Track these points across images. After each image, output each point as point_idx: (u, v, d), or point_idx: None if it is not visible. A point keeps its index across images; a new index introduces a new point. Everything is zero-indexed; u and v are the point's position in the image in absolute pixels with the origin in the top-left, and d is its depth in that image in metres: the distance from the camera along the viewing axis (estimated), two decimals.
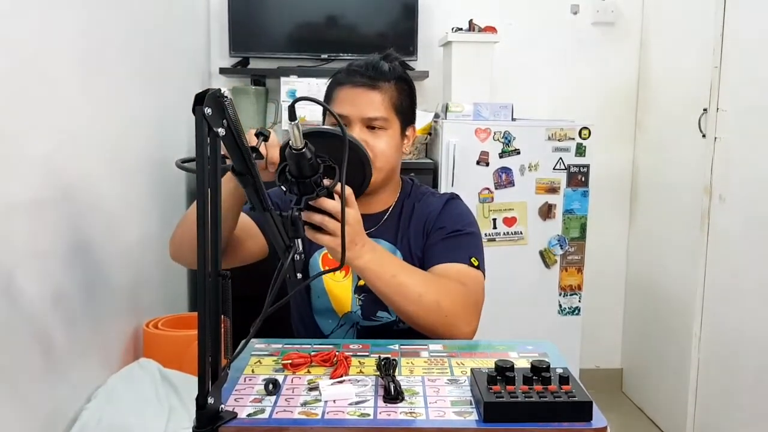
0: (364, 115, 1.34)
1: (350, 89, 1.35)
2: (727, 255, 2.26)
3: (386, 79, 1.36)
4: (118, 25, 1.68)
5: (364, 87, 1.34)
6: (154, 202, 1.99)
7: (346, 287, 1.39)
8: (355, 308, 1.38)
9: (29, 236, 1.21)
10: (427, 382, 0.98)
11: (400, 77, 1.39)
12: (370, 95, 1.34)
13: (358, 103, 1.34)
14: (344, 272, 1.38)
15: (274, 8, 2.73)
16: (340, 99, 1.36)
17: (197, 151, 0.81)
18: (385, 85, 1.36)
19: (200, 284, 0.82)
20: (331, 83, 1.40)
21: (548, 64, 2.94)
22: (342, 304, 1.39)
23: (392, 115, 1.37)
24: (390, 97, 1.36)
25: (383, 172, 1.36)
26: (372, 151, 1.31)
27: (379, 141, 1.34)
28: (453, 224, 1.38)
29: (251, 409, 0.89)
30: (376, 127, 1.35)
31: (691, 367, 2.42)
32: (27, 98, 1.21)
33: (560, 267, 2.53)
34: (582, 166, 2.49)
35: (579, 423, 0.85)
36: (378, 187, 1.37)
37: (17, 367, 1.16)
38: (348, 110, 1.34)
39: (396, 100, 1.37)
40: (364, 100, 1.34)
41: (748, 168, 2.14)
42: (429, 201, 1.43)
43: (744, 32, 2.18)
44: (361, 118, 1.34)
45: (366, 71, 1.35)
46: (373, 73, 1.35)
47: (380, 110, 1.34)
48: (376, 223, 1.40)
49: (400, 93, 1.38)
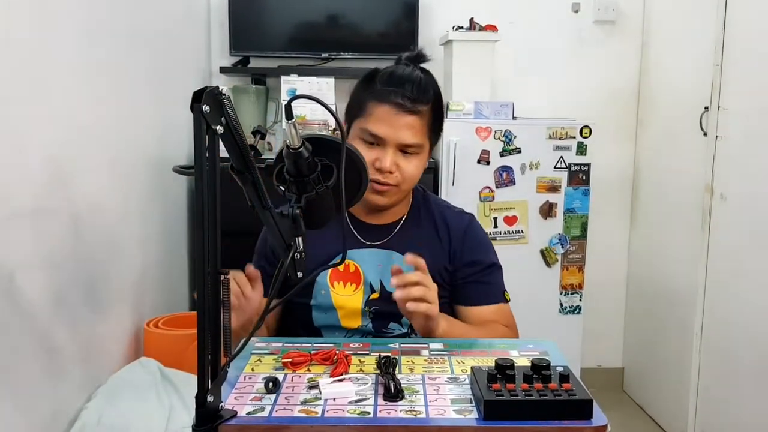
0: (401, 141, 1.28)
1: (389, 109, 1.27)
2: (728, 253, 2.25)
3: (426, 101, 1.30)
4: (118, 25, 1.67)
5: (404, 111, 1.27)
6: (154, 201, 1.99)
7: (356, 301, 1.34)
8: (366, 322, 1.34)
9: (30, 237, 1.21)
10: (428, 380, 0.98)
11: (437, 97, 1.34)
12: (409, 120, 1.28)
13: (396, 127, 1.27)
14: (354, 285, 1.34)
15: (275, 7, 2.73)
16: (377, 117, 1.28)
17: (195, 149, 0.81)
18: (424, 109, 1.30)
19: (200, 283, 0.82)
20: (367, 93, 1.32)
21: (549, 63, 2.94)
22: (351, 320, 1.35)
23: (426, 140, 1.32)
24: (427, 122, 1.31)
25: (404, 194, 1.35)
26: (401, 174, 1.29)
27: (410, 165, 1.30)
28: (483, 257, 1.39)
29: (251, 407, 0.89)
30: (409, 152, 1.30)
31: (692, 366, 2.42)
32: (27, 99, 1.20)
33: (561, 266, 2.53)
34: (583, 165, 2.49)
35: (579, 421, 0.85)
36: (394, 204, 1.36)
37: (18, 367, 1.16)
38: (384, 132, 1.28)
39: (432, 123, 1.33)
40: (403, 124, 1.28)
41: (749, 166, 2.14)
42: (447, 215, 1.41)
43: (745, 30, 2.18)
44: (397, 143, 1.28)
45: (409, 93, 1.28)
46: (416, 94, 1.28)
47: (417, 137, 1.29)
48: (388, 235, 1.37)
49: (435, 115, 1.33)
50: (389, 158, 1.28)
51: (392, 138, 1.28)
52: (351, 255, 1.36)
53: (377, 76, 1.33)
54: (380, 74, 1.33)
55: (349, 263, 1.35)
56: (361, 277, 1.35)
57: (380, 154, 1.28)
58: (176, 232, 2.25)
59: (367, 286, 1.34)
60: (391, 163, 1.28)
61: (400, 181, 1.30)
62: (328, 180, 0.97)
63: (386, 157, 1.28)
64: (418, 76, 1.31)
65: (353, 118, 1.34)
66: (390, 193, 1.31)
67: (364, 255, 1.36)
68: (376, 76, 1.33)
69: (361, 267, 1.35)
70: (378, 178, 1.29)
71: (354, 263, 1.36)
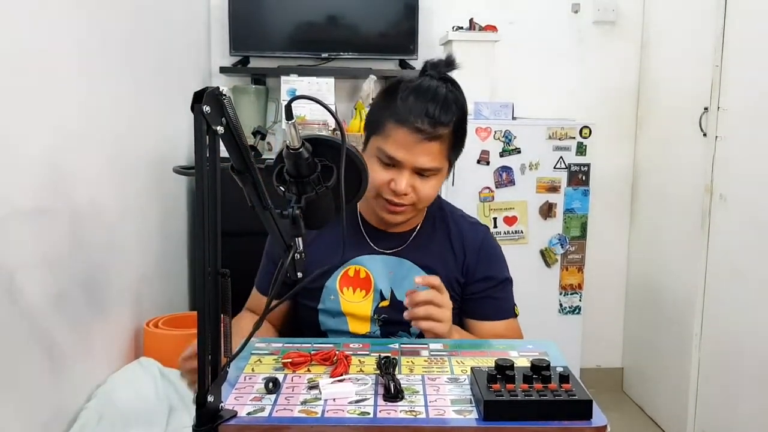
0: (418, 165, 1.24)
1: (408, 134, 1.22)
2: (727, 254, 2.25)
3: (449, 122, 1.24)
4: (118, 25, 1.67)
5: (424, 136, 1.22)
6: (155, 201, 1.99)
7: (366, 308, 1.33)
8: (374, 329, 1.33)
9: (30, 237, 1.21)
10: (427, 380, 0.98)
11: (460, 114, 1.27)
12: (428, 146, 1.23)
13: (414, 152, 1.23)
14: (364, 292, 1.33)
15: (275, 7, 2.73)
16: (395, 139, 1.23)
17: (196, 149, 0.81)
18: (445, 132, 1.24)
19: (200, 283, 0.82)
20: (387, 111, 1.25)
21: (549, 63, 2.94)
22: (360, 327, 1.33)
23: (445, 162, 1.28)
24: (447, 145, 1.26)
25: (421, 211, 1.33)
26: (417, 195, 1.26)
27: (426, 186, 1.27)
28: (497, 273, 1.38)
29: (251, 407, 0.89)
30: (426, 175, 1.26)
31: (692, 366, 2.42)
32: (27, 99, 1.21)
33: (561, 266, 2.53)
34: (583, 165, 2.49)
35: (579, 422, 0.85)
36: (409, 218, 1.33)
37: (18, 366, 1.16)
38: (402, 156, 1.23)
39: (452, 145, 1.28)
40: (422, 150, 1.23)
41: (748, 167, 2.14)
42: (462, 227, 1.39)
43: (745, 31, 2.18)
44: (414, 167, 1.24)
45: (431, 115, 1.22)
46: (438, 116, 1.22)
47: (436, 161, 1.25)
48: (402, 243, 1.35)
49: (457, 135, 1.28)
50: (405, 181, 1.24)
51: (409, 161, 1.24)
52: (362, 261, 1.34)
53: (399, 91, 1.26)
54: (402, 90, 1.26)
55: (359, 269, 1.34)
56: (372, 283, 1.33)
57: (396, 176, 1.25)
58: (176, 233, 2.25)
59: (377, 293, 1.33)
60: (407, 186, 1.24)
61: (415, 201, 1.28)
62: (327, 180, 0.97)
63: (402, 179, 1.24)
64: (442, 95, 1.25)
65: (371, 133, 1.30)
66: (405, 212, 1.29)
67: (376, 262, 1.34)
68: (398, 91, 1.26)
69: (372, 273, 1.33)
70: (392, 199, 1.26)
71: (365, 269, 1.34)
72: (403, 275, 1.33)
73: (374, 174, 1.23)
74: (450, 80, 1.31)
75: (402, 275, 1.33)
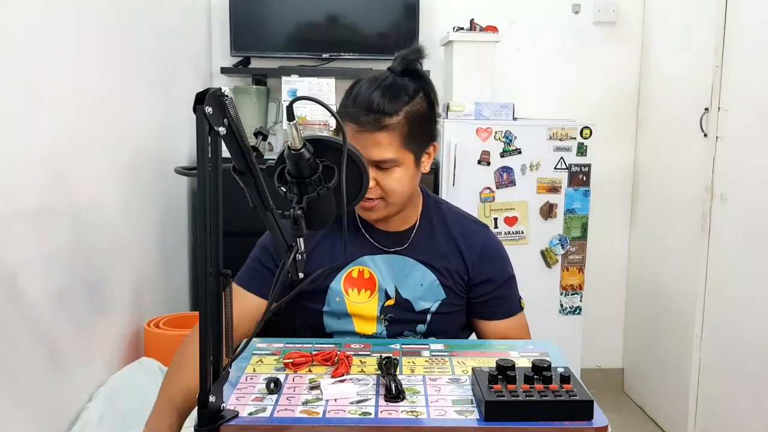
0: (370, 158, 1.22)
1: (354, 128, 1.22)
2: (728, 254, 2.25)
3: (395, 112, 1.22)
4: (119, 26, 1.68)
5: (368, 129, 1.22)
6: (156, 201, 2.00)
7: (371, 308, 1.32)
8: (380, 330, 1.32)
9: (32, 237, 1.21)
10: (429, 381, 0.98)
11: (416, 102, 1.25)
12: (375, 137, 1.22)
13: (363, 145, 1.20)
14: (369, 292, 1.32)
15: (276, 8, 2.73)
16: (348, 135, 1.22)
17: (198, 150, 0.81)
18: (392, 122, 1.22)
19: (201, 283, 0.83)
20: (341, 109, 1.27)
21: (549, 64, 2.94)
22: (366, 327, 1.32)
23: (402, 152, 1.25)
24: (399, 133, 1.23)
25: (396, 206, 1.30)
26: (382, 189, 1.25)
27: (389, 179, 1.25)
28: (501, 272, 1.38)
29: (253, 407, 0.89)
30: (384, 167, 1.25)
31: (692, 367, 2.42)
32: (28, 99, 1.21)
33: (561, 267, 2.53)
34: (583, 166, 2.49)
35: (580, 422, 0.85)
36: (395, 214, 1.32)
37: (20, 367, 1.16)
38: None
39: (407, 133, 1.24)
40: (369, 142, 1.22)
41: (749, 167, 2.14)
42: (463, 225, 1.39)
43: (745, 31, 2.18)
44: (369, 160, 1.20)
45: (371, 109, 1.21)
46: (381, 107, 1.21)
47: (387, 152, 1.23)
48: (404, 242, 1.35)
49: (412, 123, 1.25)
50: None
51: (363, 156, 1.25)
52: (365, 261, 1.33)
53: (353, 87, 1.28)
54: (354, 86, 1.27)
55: (363, 270, 1.33)
56: (376, 283, 1.32)
57: None
58: (178, 233, 2.25)
59: (381, 292, 1.32)
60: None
61: (382, 194, 1.26)
62: (329, 181, 0.97)
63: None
64: (388, 83, 1.24)
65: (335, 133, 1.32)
66: (377, 208, 1.28)
67: (378, 261, 1.34)
68: (353, 87, 1.28)
69: (375, 273, 1.33)
70: None
71: (368, 270, 1.33)
72: (407, 273, 1.33)
73: None
74: (412, 71, 1.28)
75: (405, 273, 1.33)
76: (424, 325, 1.32)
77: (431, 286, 1.33)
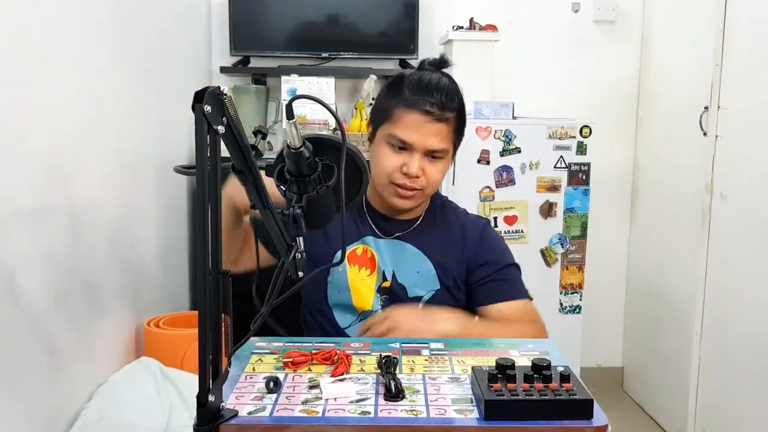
0: (429, 147, 1.31)
1: (419, 117, 1.30)
2: (728, 253, 2.26)
3: (453, 108, 1.33)
4: (118, 25, 1.67)
5: (433, 118, 1.30)
6: (155, 200, 1.99)
7: (370, 285, 1.39)
8: (377, 307, 1.38)
9: (31, 236, 1.21)
10: (428, 380, 0.98)
11: (461, 104, 1.37)
12: (438, 127, 1.31)
13: (425, 134, 1.30)
14: (369, 270, 1.39)
15: (275, 7, 2.73)
16: (405, 123, 1.31)
17: (197, 149, 0.81)
18: (450, 116, 1.33)
19: (200, 282, 0.82)
20: (395, 100, 1.34)
21: (549, 63, 2.94)
22: (363, 302, 1.38)
23: (451, 145, 1.36)
24: (454, 128, 1.35)
25: (428, 197, 1.39)
26: (427, 179, 1.33)
27: (435, 170, 1.34)
28: (499, 258, 1.41)
29: (252, 407, 0.89)
30: (435, 157, 1.33)
31: (692, 365, 2.42)
32: (28, 99, 1.20)
33: (561, 265, 2.53)
34: (583, 165, 2.49)
35: (580, 421, 0.85)
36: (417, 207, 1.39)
37: (19, 366, 1.16)
38: (414, 139, 1.31)
39: (457, 129, 1.36)
40: (432, 131, 1.31)
41: (749, 166, 2.14)
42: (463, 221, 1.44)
43: (745, 30, 2.18)
44: (425, 149, 1.32)
45: (438, 100, 1.31)
46: (444, 102, 1.31)
47: (445, 142, 1.33)
48: (405, 229, 1.41)
49: (460, 121, 1.37)
50: (416, 163, 1.31)
51: (420, 144, 1.31)
52: (368, 243, 1.41)
53: (404, 82, 1.34)
54: (407, 80, 1.34)
55: (366, 249, 1.40)
56: (377, 264, 1.39)
57: (407, 159, 1.32)
58: (177, 232, 2.25)
59: (380, 273, 1.38)
60: (418, 168, 1.31)
61: (425, 185, 1.34)
62: (328, 180, 0.97)
63: (413, 162, 1.31)
64: (445, 83, 1.34)
65: (379, 123, 1.37)
66: (415, 197, 1.35)
67: (380, 244, 1.40)
68: (403, 82, 1.35)
69: (377, 255, 1.39)
70: (404, 183, 1.33)
71: (371, 250, 1.40)
72: (406, 259, 1.38)
73: (385, 160, 1.32)
74: (448, 75, 1.39)
75: (405, 259, 1.39)
76: None
77: (427, 275, 1.37)
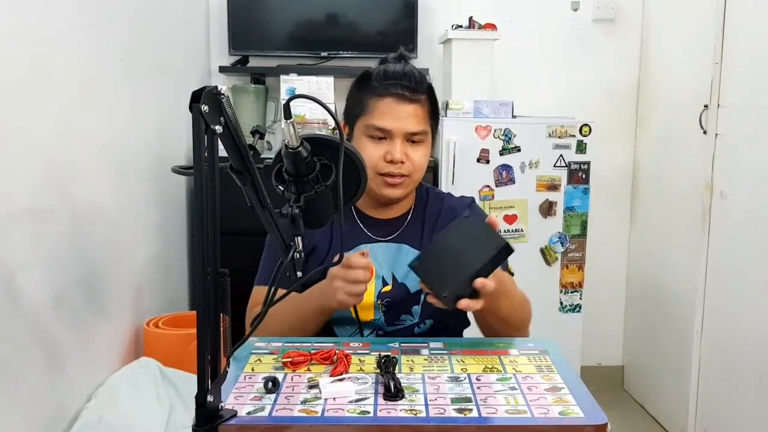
0: (407, 130, 1.32)
1: (392, 101, 1.31)
2: (728, 251, 2.25)
3: (423, 89, 1.34)
4: (117, 25, 1.67)
5: (405, 100, 1.31)
6: (154, 200, 1.99)
7: (369, 294, 1.32)
8: (378, 315, 1.34)
9: (30, 237, 1.21)
10: (428, 379, 0.98)
11: (430, 87, 1.38)
12: (412, 108, 1.32)
13: (401, 117, 1.31)
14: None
15: (274, 6, 2.73)
16: (381, 111, 1.32)
17: (194, 149, 0.81)
18: (422, 98, 1.34)
19: (199, 283, 0.82)
20: (366, 92, 1.35)
21: (549, 62, 2.94)
22: (365, 312, 1.34)
23: (428, 126, 1.36)
24: (427, 108, 1.35)
25: (415, 184, 1.38)
26: (412, 164, 1.33)
27: (418, 154, 1.34)
28: None
29: (251, 407, 0.89)
30: (416, 141, 1.34)
31: (693, 364, 2.42)
32: (27, 98, 1.20)
33: (561, 264, 2.53)
34: (583, 163, 2.49)
35: (579, 419, 0.85)
36: (407, 196, 1.38)
37: (19, 366, 1.16)
38: (391, 124, 1.31)
39: (430, 110, 1.37)
40: (406, 113, 1.32)
41: (749, 164, 2.14)
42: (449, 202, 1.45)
43: (745, 28, 2.18)
44: (405, 133, 1.32)
45: (407, 83, 1.32)
46: (414, 84, 1.32)
47: (422, 123, 1.33)
48: (397, 229, 1.40)
49: (432, 102, 1.37)
50: (399, 148, 1.31)
51: (399, 128, 1.31)
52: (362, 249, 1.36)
53: (372, 75, 1.36)
54: (375, 73, 1.36)
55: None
56: (373, 271, 1.35)
57: (389, 147, 1.32)
58: (176, 232, 2.25)
59: (378, 279, 1.36)
60: (402, 153, 1.31)
61: (411, 170, 1.34)
62: (327, 179, 0.97)
63: (395, 148, 1.31)
64: (411, 68, 1.35)
65: (355, 118, 1.37)
66: (403, 184, 1.35)
67: (375, 249, 1.37)
68: (371, 75, 1.36)
69: (373, 260, 1.36)
70: (390, 171, 1.32)
71: None
72: (402, 258, 1.37)
73: (368, 152, 1.31)
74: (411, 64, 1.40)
75: (401, 259, 1.37)
76: (419, 306, 1.34)
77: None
